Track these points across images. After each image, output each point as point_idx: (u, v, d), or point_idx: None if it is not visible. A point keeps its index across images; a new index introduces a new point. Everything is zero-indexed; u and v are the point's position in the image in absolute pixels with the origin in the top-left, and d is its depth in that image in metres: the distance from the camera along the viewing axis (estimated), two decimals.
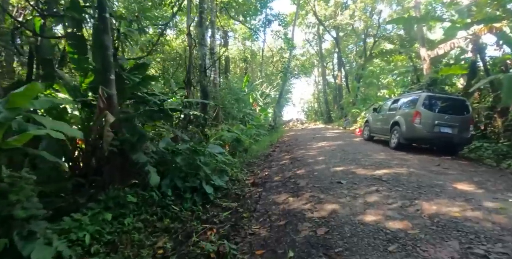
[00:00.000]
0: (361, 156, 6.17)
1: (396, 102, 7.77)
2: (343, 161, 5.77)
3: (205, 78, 8.61)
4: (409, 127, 6.49)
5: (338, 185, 4.03)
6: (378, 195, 3.44)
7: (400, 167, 4.91)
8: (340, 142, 9.09)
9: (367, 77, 21.36)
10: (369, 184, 3.94)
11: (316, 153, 7.27)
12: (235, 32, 19.73)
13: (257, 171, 6.38)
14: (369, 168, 4.98)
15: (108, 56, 4.16)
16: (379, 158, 5.86)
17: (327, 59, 34.04)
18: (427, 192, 3.46)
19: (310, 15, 27.35)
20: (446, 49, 9.65)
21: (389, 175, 4.35)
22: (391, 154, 6.38)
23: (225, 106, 11.50)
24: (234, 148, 8.45)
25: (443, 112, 6.30)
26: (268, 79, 30.16)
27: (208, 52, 8.84)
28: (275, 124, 17.10)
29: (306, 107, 47.05)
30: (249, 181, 5.55)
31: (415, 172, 4.53)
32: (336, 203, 3.27)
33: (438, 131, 6.20)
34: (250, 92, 16.69)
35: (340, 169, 5.01)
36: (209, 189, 4.46)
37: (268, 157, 8.19)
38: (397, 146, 6.87)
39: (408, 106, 6.99)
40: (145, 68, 5.52)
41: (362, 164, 5.35)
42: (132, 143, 4.10)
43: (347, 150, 7.15)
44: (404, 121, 6.66)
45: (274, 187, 4.65)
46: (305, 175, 4.90)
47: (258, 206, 3.80)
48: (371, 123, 9.02)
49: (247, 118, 14.25)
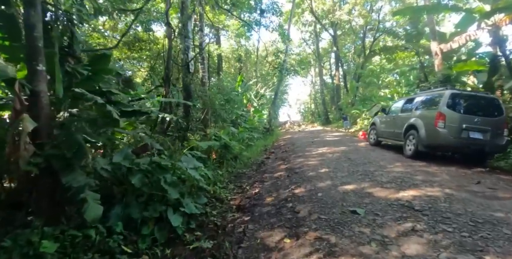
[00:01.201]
0: (373, 168, 5.02)
1: (410, 102, 6.63)
2: (352, 175, 4.61)
3: (188, 75, 7.42)
4: (430, 132, 5.35)
5: (354, 216, 2.86)
6: (418, 240, 2.28)
7: (430, 186, 3.76)
8: (343, 148, 7.94)
9: (367, 76, 20.32)
10: (398, 216, 2.78)
11: (317, 162, 6.11)
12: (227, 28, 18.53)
13: (246, 186, 5.20)
14: (389, 186, 3.82)
15: (35, 39, 2.94)
16: (397, 171, 4.71)
17: (324, 59, 33.06)
18: (493, 235, 2.31)
19: (306, 13, 26.32)
20: (461, 42, 8.56)
21: (421, 200, 3.19)
22: (410, 164, 5.24)
23: (215, 107, 10.31)
24: (221, 156, 7.27)
25: (471, 113, 5.18)
26: (264, 80, 29.03)
27: (192, 45, 7.64)
28: (270, 126, 15.93)
29: (303, 109, 46.09)
30: (234, 202, 4.38)
31: (454, 195, 3.38)
32: (357, 255, 2.11)
33: (466, 136, 5.08)
34: (244, 92, 15.53)
35: (351, 188, 3.84)
36: (177, 220, 3.29)
37: (261, 166, 7.02)
38: (413, 154, 5.74)
39: (428, 106, 5.86)
40: (105, 61, 4.34)
41: (378, 180, 4.19)
42: (66, 159, 2.89)
43: (354, 159, 6.00)
44: (423, 124, 5.53)
45: (265, 214, 3.47)
46: (305, 196, 3.73)
47: (240, 251, 2.62)
48: (378, 126, 7.89)
49: (239, 120, 13.07)
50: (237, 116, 13.08)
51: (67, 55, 4.73)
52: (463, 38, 8.52)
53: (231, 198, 4.57)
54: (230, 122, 11.87)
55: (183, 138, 7.30)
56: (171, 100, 5.45)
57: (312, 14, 22.78)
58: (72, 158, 2.94)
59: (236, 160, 7.51)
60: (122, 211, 3.22)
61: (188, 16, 7.13)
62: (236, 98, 13.81)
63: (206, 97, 9.52)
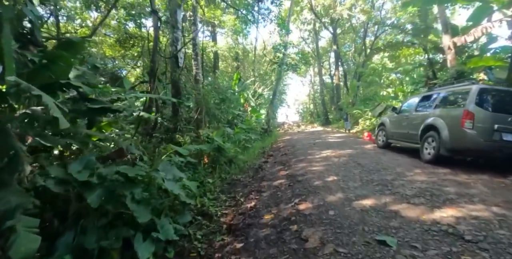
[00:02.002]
0: (390, 176, 4.26)
1: (427, 99, 5.87)
2: (366, 185, 3.85)
3: (177, 70, 6.63)
4: (455, 134, 4.59)
5: (383, 250, 2.09)
6: None
7: (470, 202, 2.99)
8: (349, 151, 7.18)
9: (368, 75, 19.62)
10: (446, 251, 2.01)
11: (322, 168, 5.34)
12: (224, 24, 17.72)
13: (240, 197, 4.42)
14: (418, 202, 3.05)
15: None
16: (420, 180, 3.95)
17: (323, 58, 32.36)
18: None
19: (305, 11, 25.58)
20: (477, 35, 7.85)
21: (468, 224, 2.43)
22: (432, 172, 4.48)
23: (209, 106, 9.53)
24: (214, 160, 6.48)
25: (504, 112, 4.42)
26: (262, 79, 28.27)
27: (181, 36, 6.85)
28: (269, 127, 15.15)
29: (301, 109, 45.39)
30: (225, 219, 3.60)
31: (508, 216, 2.61)
32: None
33: (498, 138, 4.32)
34: (241, 91, 14.75)
35: (370, 204, 3.08)
36: (146, 251, 2.55)
37: (258, 172, 6.24)
38: (433, 159, 4.97)
39: (451, 104, 5.09)
40: (76, 49, 3.58)
41: (401, 192, 3.43)
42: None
43: (364, 164, 5.24)
44: (446, 125, 4.77)
45: (263, 241, 2.69)
46: (314, 215, 2.96)
47: None
48: (388, 127, 7.12)
49: (236, 120, 12.28)
50: (234, 117, 12.30)
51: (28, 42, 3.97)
52: (479, 30, 7.82)
53: (222, 214, 3.80)
54: (226, 122, 11.10)
55: (170, 140, 6.52)
56: (152, 96, 4.65)
57: (312, 11, 22.06)
58: (5, 169, 2.18)
59: (231, 164, 6.74)
60: (75, 239, 2.44)
61: (176, 3, 6.34)
62: (233, 97, 13.03)
63: (200, 95, 8.74)
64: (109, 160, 3.88)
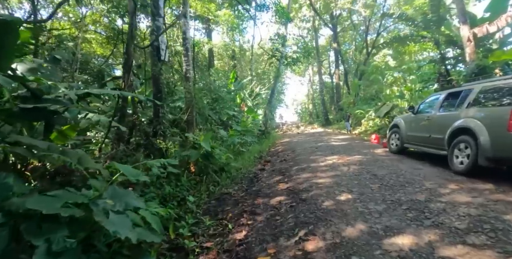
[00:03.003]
0: (421, 194, 3.31)
1: (454, 96, 4.92)
2: (394, 210, 2.90)
3: (158, 64, 5.65)
4: (499, 140, 3.65)
5: None
6: None
7: None
8: (358, 157, 6.23)
9: (371, 73, 18.69)
10: None
11: (330, 180, 4.40)
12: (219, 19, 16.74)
13: (228, 221, 3.45)
14: (478, 243, 2.10)
15: None
16: (464, 202, 3.00)
17: (322, 57, 31.46)
18: None
19: (304, 9, 24.66)
20: (501, 25, 6.93)
21: None
22: (472, 188, 3.53)
23: (200, 106, 8.56)
24: (202, 169, 5.51)
25: None
26: (259, 79, 27.34)
27: (163, 26, 5.87)
28: (266, 128, 14.21)
29: (300, 109, 44.53)
30: None
31: None
32: None
33: None
34: (237, 91, 13.79)
35: (409, 245, 2.13)
36: None
37: (253, 183, 5.29)
38: (469, 170, 4.03)
39: (490, 102, 4.16)
40: (8, 32, 2.57)
41: (447, 224, 2.48)
42: None
43: (382, 176, 4.29)
44: (486, 128, 3.84)
45: None
46: None
47: None
48: (404, 130, 6.17)
49: (231, 122, 11.32)
50: (228, 117, 11.33)
51: None
52: (503, 20, 6.90)
53: (202, 248, 2.83)
54: (220, 124, 10.13)
55: (151, 146, 5.54)
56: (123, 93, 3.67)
57: (311, 7, 21.15)
58: None
59: (222, 173, 5.78)
60: None
61: None
62: (227, 97, 12.07)
63: (190, 94, 7.76)
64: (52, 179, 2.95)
